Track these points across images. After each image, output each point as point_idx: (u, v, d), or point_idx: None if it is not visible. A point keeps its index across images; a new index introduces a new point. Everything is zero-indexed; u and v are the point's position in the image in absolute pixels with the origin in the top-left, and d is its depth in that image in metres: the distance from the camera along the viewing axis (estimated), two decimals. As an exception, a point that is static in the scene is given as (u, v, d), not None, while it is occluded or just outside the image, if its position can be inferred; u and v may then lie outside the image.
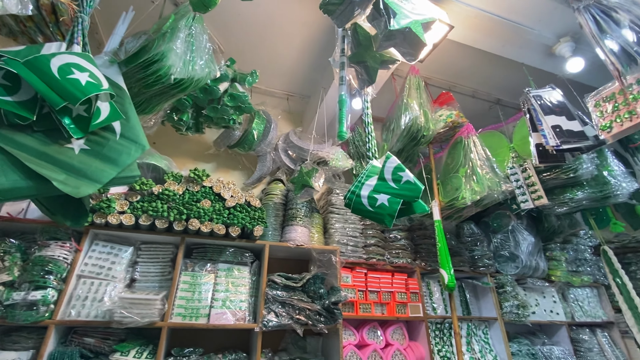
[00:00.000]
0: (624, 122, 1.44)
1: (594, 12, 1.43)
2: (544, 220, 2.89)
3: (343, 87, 1.31)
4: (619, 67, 1.28)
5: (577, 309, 2.89)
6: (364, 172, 1.39)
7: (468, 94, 2.80)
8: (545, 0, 1.76)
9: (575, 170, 2.33)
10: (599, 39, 1.37)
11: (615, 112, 1.50)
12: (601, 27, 1.39)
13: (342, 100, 1.28)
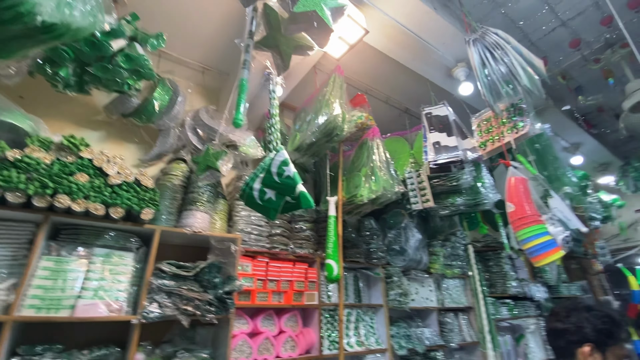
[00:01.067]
0: (495, 143, 1.72)
1: (479, 47, 1.65)
2: (430, 221, 3.31)
3: (245, 71, 1.24)
4: (488, 99, 1.50)
5: (447, 296, 3.40)
6: (261, 164, 1.36)
7: (382, 100, 3.00)
8: (449, 27, 1.97)
9: (458, 179, 2.70)
10: (478, 71, 1.58)
11: (489, 133, 1.77)
12: (482, 60, 1.61)
13: (242, 84, 1.22)
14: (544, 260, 1.27)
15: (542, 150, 1.76)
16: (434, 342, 2.95)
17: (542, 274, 4.13)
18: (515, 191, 1.38)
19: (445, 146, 1.90)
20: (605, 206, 4.23)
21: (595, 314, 1.07)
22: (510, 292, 3.68)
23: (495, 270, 3.87)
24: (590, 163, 3.98)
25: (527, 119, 1.56)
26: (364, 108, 2.45)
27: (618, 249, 4.55)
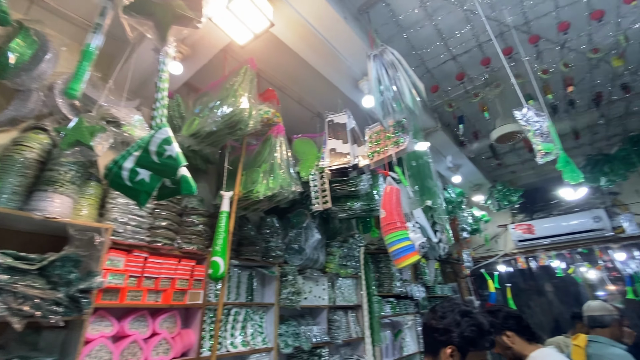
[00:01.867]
0: (380, 154, 1.85)
1: (378, 63, 1.76)
2: (330, 222, 3.44)
3: (96, 36, 1.07)
4: (378, 113, 1.61)
5: (339, 295, 3.58)
6: (138, 141, 1.20)
7: (295, 99, 3.00)
8: (357, 40, 2.07)
9: (356, 185, 2.87)
10: (373, 85, 1.68)
11: (377, 145, 1.90)
12: (378, 76, 1.72)
13: (87, 51, 1.05)
14: (404, 263, 1.42)
15: (418, 166, 1.97)
16: (321, 340, 3.07)
17: (422, 276, 4.69)
18: (389, 199, 1.51)
19: (340, 153, 1.99)
20: (476, 220, 5.02)
21: (467, 320, 1.13)
22: (394, 291, 4.08)
23: (385, 271, 4.24)
24: (467, 183, 4.68)
25: (407, 136, 1.73)
26: (272, 104, 2.41)
27: (483, 257, 5.45)
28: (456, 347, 1.11)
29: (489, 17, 2.25)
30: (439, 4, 2.15)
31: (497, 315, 1.77)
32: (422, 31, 2.39)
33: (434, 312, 1.21)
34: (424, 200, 1.92)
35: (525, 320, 1.79)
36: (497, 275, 5.23)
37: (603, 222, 4.26)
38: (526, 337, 1.72)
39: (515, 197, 4.53)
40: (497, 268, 5.33)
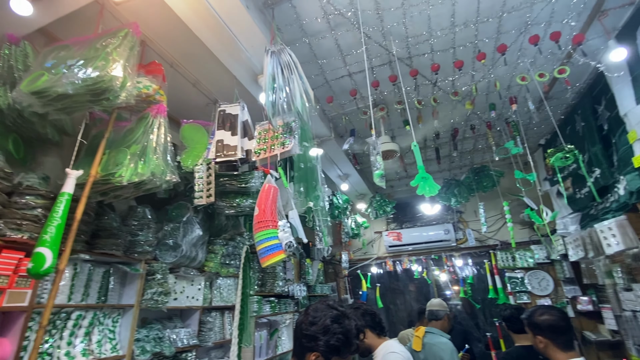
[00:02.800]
0: (266, 152, 1.83)
1: (274, 60, 1.74)
2: (216, 218, 3.26)
3: None
4: (268, 111, 1.59)
5: (217, 295, 3.41)
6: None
7: (190, 82, 2.75)
8: (258, 32, 2.02)
9: (247, 182, 2.79)
10: (267, 82, 1.65)
11: (265, 143, 1.87)
12: (273, 74, 1.70)
13: None
14: (269, 261, 1.43)
15: (306, 169, 2.05)
16: (188, 343, 2.84)
17: (305, 275, 4.89)
18: (265, 197, 1.50)
19: (227, 145, 1.89)
20: (358, 226, 5.52)
21: (335, 328, 1.14)
22: (275, 290, 4.13)
23: (269, 270, 4.25)
24: (353, 191, 5.11)
25: (293, 138, 1.77)
26: (157, 80, 2.14)
27: (360, 259, 6.02)
28: (320, 354, 1.12)
29: (380, 44, 2.51)
30: (340, 21, 2.29)
31: (355, 312, 1.97)
32: (323, 42, 2.50)
33: (307, 315, 1.20)
34: (306, 202, 1.99)
35: (379, 316, 1.99)
36: (370, 276, 5.83)
37: (450, 234, 5.24)
38: (377, 331, 1.92)
39: (389, 208, 5.17)
40: (370, 270, 5.95)
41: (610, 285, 3.52)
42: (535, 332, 1.63)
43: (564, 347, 1.54)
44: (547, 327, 1.58)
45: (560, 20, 2.42)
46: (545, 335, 1.58)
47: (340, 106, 3.30)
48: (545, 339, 1.58)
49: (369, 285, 5.71)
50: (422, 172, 1.71)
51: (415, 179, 1.73)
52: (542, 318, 1.62)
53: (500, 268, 4.95)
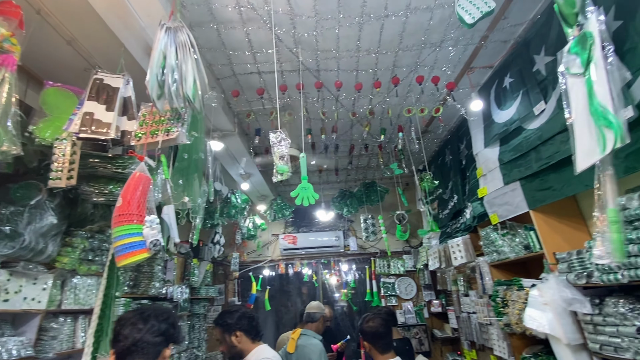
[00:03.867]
0: (147, 138, 1.63)
1: (168, 37, 1.58)
2: (80, 205, 2.75)
3: None
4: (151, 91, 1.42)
5: (70, 297, 2.86)
6: None
7: (64, 37, 2.28)
8: (157, 1, 1.81)
9: (125, 167, 2.44)
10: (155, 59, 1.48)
11: (148, 127, 1.67)
12: (164, 52, 1.54)
13: None
14: (127, 260, 1.26)
15: (190, 160, 1.90)
16: (18, 355, 2.29)
17: (189, 277, 4.54)
18: (134, 187, 1.33)
19: (97, 120, 1.62)
20: (256, 227, 5.44)
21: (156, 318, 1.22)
22: (150, 292, 3.70)
23: (146, 270, 3.80)
24: (255, 192, 5.02)
25: (180, 126, 1.62)
26: (9, 24, 1.71)
27: (254, 261, 5.91)
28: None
29: (290, 50, 2.55)
30: (253, 16, 2.24)
31: (232, 315, 1.88)
32: (234, 32, 2.40)
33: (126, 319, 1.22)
34: (182, 197, 1.83)
35: (256, 320, 1.93)
36: (262, 279, 5.79)
37: (340, 240, 5.63)
38: (252, 336, 1.88)
39: (288, 212, 5.26)
40: (262, 272, 5.91)
41: (455, 291, 4.30)
42: (363, 338, 1.89)
43: (382, 350, 1.81)
44: (370, 333, 1.84)
45: (440, 68, 2.89)
46: (368, 340, 1.85)
47: (247, 103, 3.21)
48: (368, 344, 1.85)
49: (259, 288, 5.65)
50: (304, 183, 1.78)
51: (297, 189, 1.79)
52: (366, 325, 1.88)
53: (378, 274, 5.54)
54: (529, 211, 2.60)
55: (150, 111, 1.68)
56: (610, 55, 1.30)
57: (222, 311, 1.87)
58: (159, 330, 1.18)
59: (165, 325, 1.20)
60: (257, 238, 5.53)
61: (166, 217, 1.56)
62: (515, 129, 2.65)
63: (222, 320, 1.83)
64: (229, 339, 1.81)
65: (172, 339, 1.23)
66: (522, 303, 2.60)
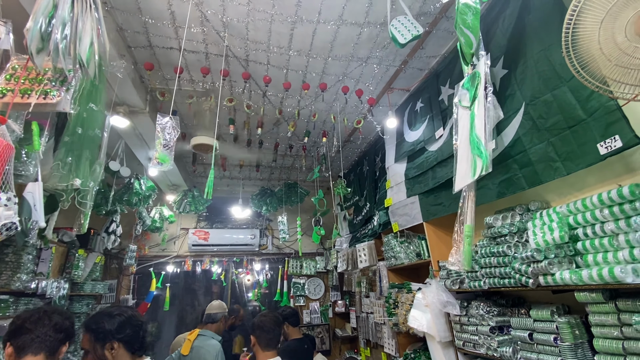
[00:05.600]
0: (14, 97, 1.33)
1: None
2: None
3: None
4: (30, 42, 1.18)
5: None
6: None
7: None
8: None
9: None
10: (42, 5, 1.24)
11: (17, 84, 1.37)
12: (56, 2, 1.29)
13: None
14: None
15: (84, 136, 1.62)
16: None
17: (71, 270, 3.89)
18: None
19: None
20: (162, 219, 4.96)
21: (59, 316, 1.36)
22: (13, 286, 3.05)
23: (11, 259, 3.13)
24: (165, 179, 4.59)
25: (63, 91, 1.37)
26: None
27: (156, 255, 5.38)
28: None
29: (218, 33, 2.41)
30: (178, -13, 2.05)
31: (113, 320, 1.41)
32: (154, 3, 2.15)
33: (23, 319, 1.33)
34: (72, 178, 1.54)
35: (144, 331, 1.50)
36: (164, 275, 5.31)
37: (256, 239, 5.51)
38: (133, 350, 1.45)
39: (202, 206, 4.94)
40: (165, 268, 5.43)
41: (358, 293, 4.58)
42: (251, 331, 1.93)
43: (265, 346, 1.85)
44: (258, 327, 1.89)
45: (365, 82, 3.07)
46: (254, 333, 1.89)
47: (163, 80, 2.92)
48: (254, 338, 1.89)
49: (159, 285, 5.17)
50: (211, 176, 1.70)
51: (209, 180, 1.69)
52: (257, 319, 1.94)
53: (290, 274, 5.58)
54: (423, 222, 2.92)
55: (25, 65, 1.38)
56: (489, 95, 1.54)
57: (99, 312, 1.43)
58: (62, 327, 1.32)
59: (67, 323, 1.36)
60: (162, 231, 5.05)
61: (29, 197, 1.28)
62: (420, 149, 2.96)
63: (95, 325, 1.38)
64: (100, 352, 1.35)
65: (69, 336, 1.38)
66: (409, 304, 2.89)
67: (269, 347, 1.83)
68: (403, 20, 1.95)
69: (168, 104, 3.17)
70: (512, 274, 1.81)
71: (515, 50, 1.98)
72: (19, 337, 1.25)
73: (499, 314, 2.10)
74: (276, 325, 1.89)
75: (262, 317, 1.91)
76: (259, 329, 1.86)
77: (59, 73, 1.37)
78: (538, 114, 1.78)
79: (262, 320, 1.88)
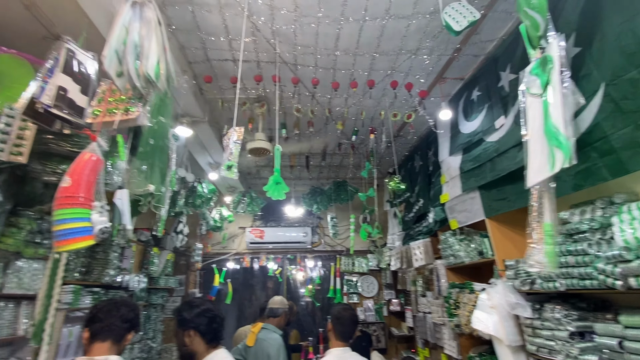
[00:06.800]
0: (105, 116, 1.54)
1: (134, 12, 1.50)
2: (29, 184, 2.56)
3: None
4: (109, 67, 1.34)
5: (13, 280, 2.66)
6: None
7: (24, 1, 2.10)
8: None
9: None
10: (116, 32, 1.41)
11: (107, 104, 1.58)
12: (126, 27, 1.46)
13: None
14: (69, 246, 1.19)
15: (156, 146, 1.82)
16: (-57, 342, 2.10)
17: (148, 266, 4.37)
18: (82, 167, 1.25)
19: (71, 101, 1.49)
20: (222, 219, 5.32)
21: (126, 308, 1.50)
22: (104, 280, 3.52)
23: (100, 256, 3.61)
24: (224, 182, 4.92)
25: (141, 107, 1.55)
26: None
27: (218, 253, 5.80)
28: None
29: (268, 41, 2.51)
30: (230, 1, 2.18)
31: (191, 310, 1.63)
32: (210, 16, 2.32)
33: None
34: (146, 184, 1.74)
35: (218, 322, 1.67)
36: (225, 271, 5.69)
37: (308, 237, 5.65)
38: (207, 338, 1.62)
39: (258, 207, 5.20)
40: (226, 264, 5.81)
41: (413, 292, 4.46)
42: (331, 320, 2.02)
43: (340, 337, 1.94)
44: (339, 318, 1.98)
45: (415, 75, 2.97)
46: (333, 322, 1.99)
47: (220, 90, 3.13)
48: (331, 326, 1.99)
49: (222, 280, 5.56)
50: (276, 177, 1.77)
51: (269, 183, 1.77)
52: (339, 310, 2.04)
53: (342, 271, 5.62)
54: (485, 219, 2.74)
55: (109, 88, 1.59)
56: (566, 81, 1.39)
57: (184, 302, 1.73)
58: (127, 318, 1.46)
59: (132, 315, 1.50)
60: (223, 230, 5.42)
61: (119, 202, 1.48)
62: (477, 141, 2.78)
63: (178, 313, 1.66)
64: (181, 337, 1.60)
65: (135, 326, 1.52)
66: (472, 305, 2.74)
67: (342, 339, 1.94)
68: (457, 7, 1.85)
69: (225, 112, 3.40)
70: (594, 275, 1.62)
71: (589, 26, 1.77)
72: (93, 325, 1.42)
73: (579, 318, 1.90)
74: (352, 322, 1.98)
75: (342, 311, 2.01)
76: (337, 320, 1.96)
77: (137, 91, 1.56)
78: (621, 95, 1.57)
79: (341, 314, 1.98)
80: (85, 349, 1.43)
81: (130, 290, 4.08)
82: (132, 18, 1.46)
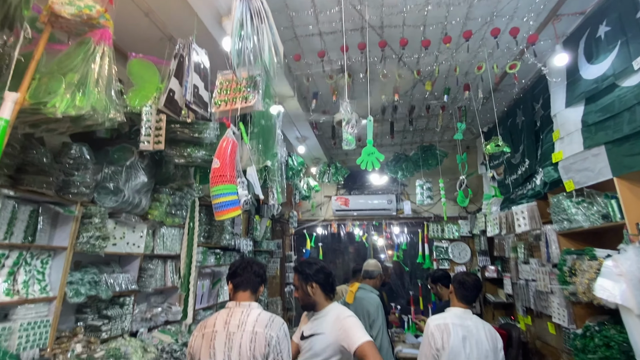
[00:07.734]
0: (228, 105, 1.76)
1: (245, 4, 1.62)
2: (164, 166, 3.10)
3: None
4: (233, 60, 1.51)
5: (160, 244, 3.35)
6: None
7: (143, 10, 2.44)
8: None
9: (201, 132, 2.67)
10: (234, 28, 1.55)
11: (226, 94, 1.79)
12: (242, 20, 1.59)
13: None
14: (225, 215, 1.45)
15: (266, 127, 2.01)
16: (127, 288, 2.81)
17: (253, 231, 4.97)
18: (224, 151, 1.47)
19: (200, 96, 1.76)
20: (309, 189, 5.66)
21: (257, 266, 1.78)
22: (222, 243, 4.17)
23: (217, 224, 4.25)
24: (309, 154, 5.17)
25: (257, 93, 1.71)
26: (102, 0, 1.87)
27: (307, 220, 6.25)
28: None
29: (354, 7, 2.45)
30: (318, -27, 2.17)
31: (311, 267, 1.92)
32: (298, -7, 2.36)
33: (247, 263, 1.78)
34: (264, 160, 1.97)
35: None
36: (315, 236, 6.13)
37: (392, 204, 5.65)
38: (326, 292, 1.93)
39: (342, 177, 5.36)
40: (316, 230, 6.24)
41: (513, 259, 4.18)
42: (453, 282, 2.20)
43: (461, 299, 2.11)
44: (462, 282, 2.14)
45: (521, 17, 2.57)
46: (455, 285, 2.15)
47: (306, 66, 3.21)
48: (453, 288, 2.16)
49: (312, 245, 6.01)
50: (369, 148, 1.81)
51: (362, 154, 1.82)
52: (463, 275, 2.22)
53: (431, 238, 5.54)
54: (613, 178, 2.36)
55: (230, 79, 1.79)
56: None
57: (302, 261, 2.01)
58: (259, 273, 1.74)
59: (261, 271, 1.77)
60: (311, 199, 5.77)
61: (250, 178, 1.72)
62: (608, 87, 2.33)
63: (301, 269, 1.93)
64: (305, 288, 1.89)
65: (264, 281, 1.80)
66: (593, 273, 2.47)
67: (463, 302, 2.11)
68: None
69: (312, 86, 3.50)
70: None
71: None
72: (234, 279, 1.73)
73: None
74: (475, 287, 2.12)
75: (465, 276, 2.17)
76: (460, 285, 2.12)
77: (251, 79, 1.73)
78: None
79: (465, 279, 2.14)
80: (230, 297, 1.76)
81: (241, 252, 4.75)
82: (244, 11, 1.58)
